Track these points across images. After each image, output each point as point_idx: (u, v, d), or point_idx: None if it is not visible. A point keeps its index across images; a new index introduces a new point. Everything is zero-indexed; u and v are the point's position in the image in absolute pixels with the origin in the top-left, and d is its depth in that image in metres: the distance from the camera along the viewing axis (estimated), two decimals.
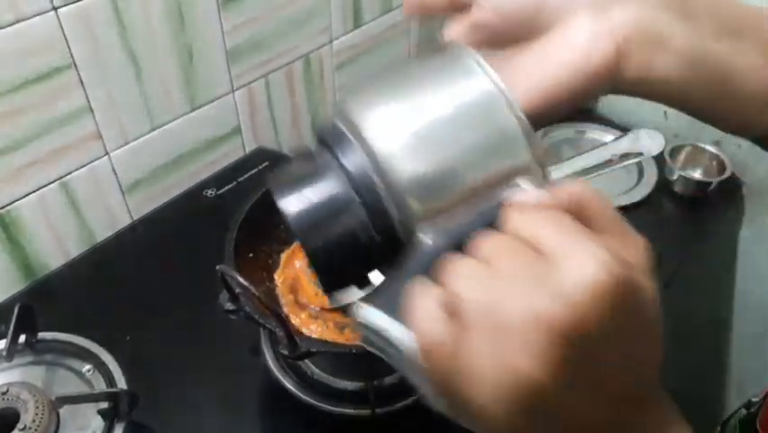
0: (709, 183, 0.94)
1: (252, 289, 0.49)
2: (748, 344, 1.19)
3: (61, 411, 0.62)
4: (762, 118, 0.34)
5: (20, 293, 0.76)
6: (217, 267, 0.52)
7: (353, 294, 0.30)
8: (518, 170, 0.28)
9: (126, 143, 0.79)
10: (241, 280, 0.50)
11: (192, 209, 0.87)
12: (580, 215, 0.25)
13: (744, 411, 0.74)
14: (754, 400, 0.73)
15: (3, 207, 0.72)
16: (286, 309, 0.61)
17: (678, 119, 1.03)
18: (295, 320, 0.61)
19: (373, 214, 0.28)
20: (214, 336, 0.71)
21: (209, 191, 0.89)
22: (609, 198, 0.26)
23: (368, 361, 0.65)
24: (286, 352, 0.52)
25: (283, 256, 0.67)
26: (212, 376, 0.69)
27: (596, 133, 1.05)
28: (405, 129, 0.28)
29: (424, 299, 0.25)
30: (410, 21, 1.07)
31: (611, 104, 1.10)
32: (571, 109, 0.32)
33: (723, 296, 1.17)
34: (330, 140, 0.29)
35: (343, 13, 0.95)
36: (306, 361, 0.67)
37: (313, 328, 0.60)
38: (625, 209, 0.91)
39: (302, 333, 0.59)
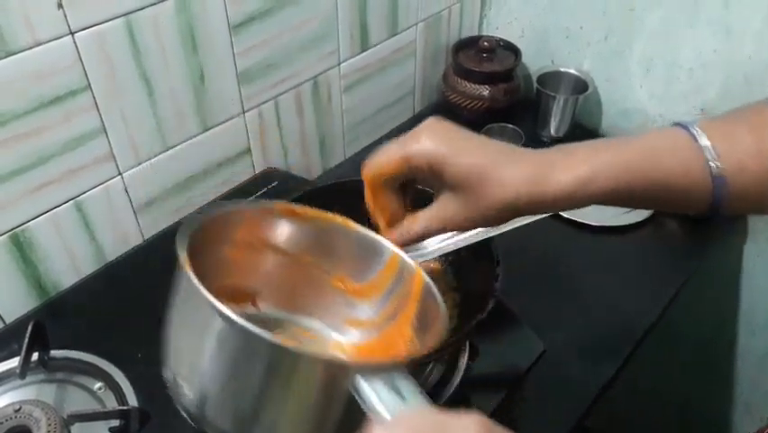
0: None
1: None
2: (755, 361, 1.19)
3: (73, 429, 0.62)
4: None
5: (32, 311, 0.77)
6: None
7: None
8: None
9: (139, 164, 0.81)
10: None
11: None
12: None
13: None
14: None
15: (17, 227, 0.73)
16: None
17: None
18: None
19: None
20: None
21: None
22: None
23: None
24: None
25: None
26: None
27: None
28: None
29: None
30: (416, 44, 1.09)
31: (616, 123, 1.11)
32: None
33: (728, 313, 1.17)
34: None
35: (351, 37, 0.97)
36: None
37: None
38: (629, 228, 0.92)
39: None
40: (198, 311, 0.35)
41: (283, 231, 0.47)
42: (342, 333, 0.49)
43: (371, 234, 0.48)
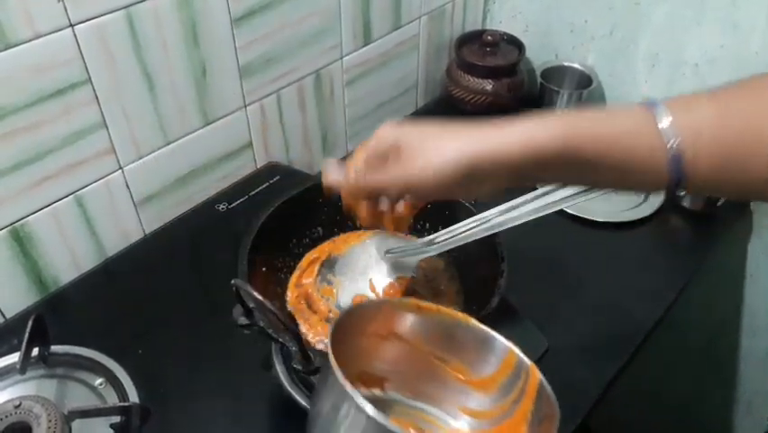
0: (718, 198, 0.94)
1: (267, 303, 0.50)
2: (757, 362, 1.19)
3: (73, 425, 0.62)
4: None
5: (33, 306, 0.77)
6: (232, 281, 0.52)
7: None
8: None
9: (139, 158, 0.80)
10: (255, 294, 0.50)
11: (204, 223, 0.88)
12: None
13: None
14: None
15: (17, 221, 0.72)
16: (305, 327, 0.61)
17: None
18: (309, 331, 0.61)
19: None
20: (226, 349, 0.72)
21: (221, 205, 0.89)
22: None
23: None
24: (299, 366, 0.52)
25: (292, 277, 0.67)
26: (223, 390, 0.69)
27: None
28: None
29: None
30: (419, 38, 1.08)
31: None
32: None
33: (731, 313, 1.16)
34: None
35: (353, 30, 0.96)
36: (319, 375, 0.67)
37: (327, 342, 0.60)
38: (633, 225, 0.91)
39: (315, 347, 0.59)
40: (342, 400, 0.41)
41: (409, 323, 0.52)
42: (458, 420, 0.54)
43: (490, 330, 0.51)
